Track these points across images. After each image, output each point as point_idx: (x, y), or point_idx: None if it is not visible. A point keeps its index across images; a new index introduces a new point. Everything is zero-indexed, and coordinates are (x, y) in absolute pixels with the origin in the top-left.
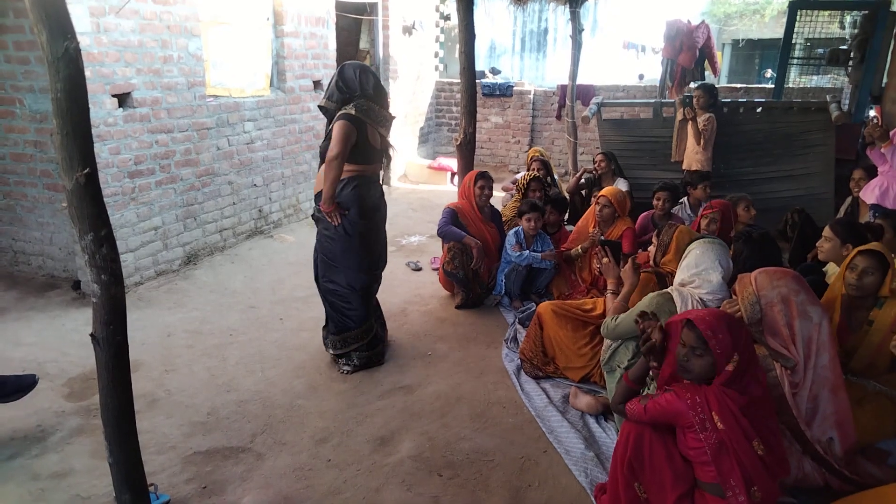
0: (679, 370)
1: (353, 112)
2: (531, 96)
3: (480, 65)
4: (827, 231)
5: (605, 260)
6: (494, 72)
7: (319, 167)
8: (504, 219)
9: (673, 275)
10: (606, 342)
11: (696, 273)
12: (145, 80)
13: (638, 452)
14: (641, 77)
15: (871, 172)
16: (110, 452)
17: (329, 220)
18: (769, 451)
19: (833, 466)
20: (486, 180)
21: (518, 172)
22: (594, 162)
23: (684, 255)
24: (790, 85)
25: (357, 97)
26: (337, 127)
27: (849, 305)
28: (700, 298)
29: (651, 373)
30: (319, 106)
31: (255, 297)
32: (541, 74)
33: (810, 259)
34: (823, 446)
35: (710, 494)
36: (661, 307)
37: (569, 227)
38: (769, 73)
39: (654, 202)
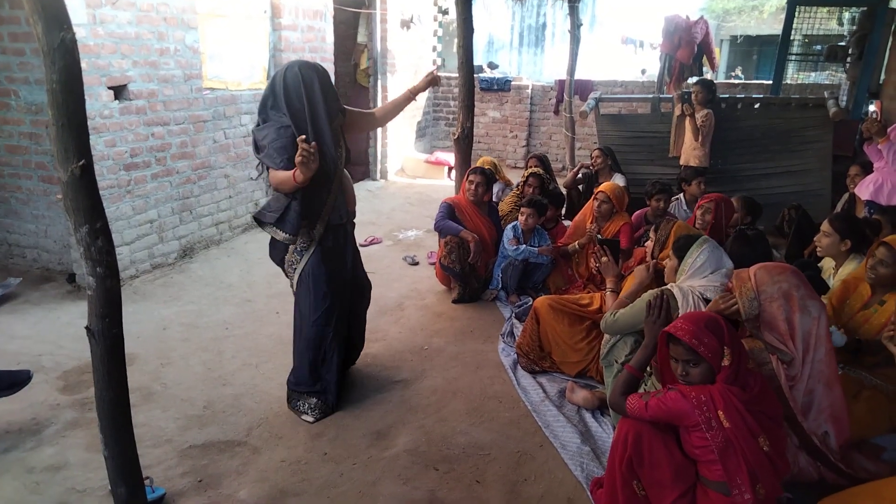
0: (684, 383)
1: None
2: (529, 91)
3: (478, 59)
4: (826, 226)
5: (603, 259)
6: (492, 66)
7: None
8: (501, 213)
9: None
10: (606, 337)
11: (713, 272)
12: (141, 73)
13: (637, 450)
14: (644, 72)
15: (868, 169)
16: (105, 446)
17: None
18: (774, 446)
19: (829, 459)
20: (478, 176)
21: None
22: (591, 157)
23: (686, 260)
24: (788, 81)
25: None
26: None
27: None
28: (700, 294)
29: (650, 367)
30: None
31: (250, 291)
32: (539, 69)
33: (807, 255)
34: (819, 440)
35: (714, 492)
36: None
37: (566, 222)
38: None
39: (655, 203)
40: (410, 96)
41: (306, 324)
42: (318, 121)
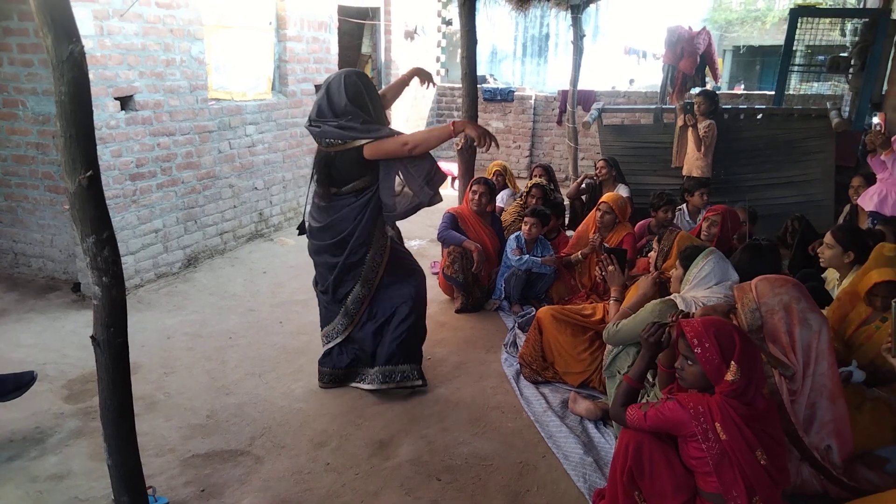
0: (678, 378)
1: None
2: (532, 101)
3: (482, 70)
4: (828, 238)
5: (610, 268)
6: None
7: None
8: (504, 223)
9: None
10: (608, 347)
11: (717, 283)
12: (148, 84)
13: (638, 461)
14: (631, 82)
15: (871, 180)
16: (109, 454)
17: None
18: (772, 460)
19: (831, 473)
20: (481, 186)
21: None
22: (596, 168)
23: (692, 270)
24: (791, 92)
25: None
26: None
27: None
28: (703, 304)
29: (652, 378)
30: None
31: (254, 301)
32: (542, 80)
33: (810, 250)
34: (821, 454)
35: None
36: (663, 315)
37: (569, 233)
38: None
39: (662, 214)
40: (407, 79)
41: (404, 306)
42: (380, 123)
